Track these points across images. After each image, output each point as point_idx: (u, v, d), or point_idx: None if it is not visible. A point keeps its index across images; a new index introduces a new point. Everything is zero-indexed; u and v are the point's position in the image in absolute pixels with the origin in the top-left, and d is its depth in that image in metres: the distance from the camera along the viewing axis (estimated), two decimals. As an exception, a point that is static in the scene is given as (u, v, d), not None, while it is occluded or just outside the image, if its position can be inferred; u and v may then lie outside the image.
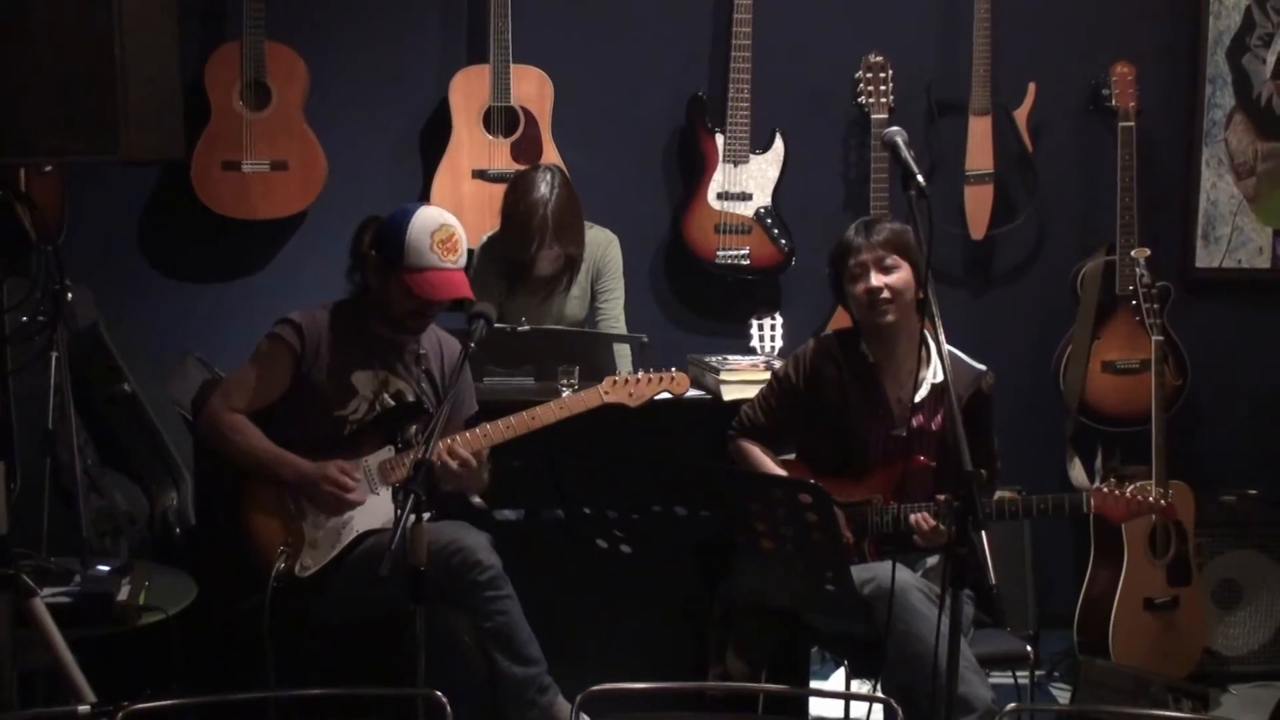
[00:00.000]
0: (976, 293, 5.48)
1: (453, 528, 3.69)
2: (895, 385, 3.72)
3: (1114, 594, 4.77)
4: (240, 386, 3.72)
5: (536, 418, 3.81)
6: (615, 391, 3.93)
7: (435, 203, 4.90)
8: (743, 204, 5.13)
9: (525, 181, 4.60)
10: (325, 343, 3.72)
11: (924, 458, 3.66)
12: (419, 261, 3.61)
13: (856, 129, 5.29)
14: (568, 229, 4.57)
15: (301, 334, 3.70)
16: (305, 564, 3.63)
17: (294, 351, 3.69)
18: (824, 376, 3.75)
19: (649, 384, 3.98)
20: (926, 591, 3.43)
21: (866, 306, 3.65)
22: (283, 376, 3.71)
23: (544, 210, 4.52)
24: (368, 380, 3.77)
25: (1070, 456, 5.22)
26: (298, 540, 3.65)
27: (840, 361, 3.74)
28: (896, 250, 3.64)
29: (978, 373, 3.72)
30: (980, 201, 5.28)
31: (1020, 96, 5.27)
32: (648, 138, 5.27)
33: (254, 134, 4.86)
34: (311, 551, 3.65)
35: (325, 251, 4.94)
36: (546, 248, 4.54)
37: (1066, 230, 5.46)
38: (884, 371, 3.72)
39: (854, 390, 3.71)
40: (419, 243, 3.61)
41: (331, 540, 3.67)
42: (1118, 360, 5.15)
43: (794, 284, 5.26)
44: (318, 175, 4.94)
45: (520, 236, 4.55)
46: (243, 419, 3.69)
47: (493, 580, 3.63)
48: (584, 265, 4.73)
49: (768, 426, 3.87)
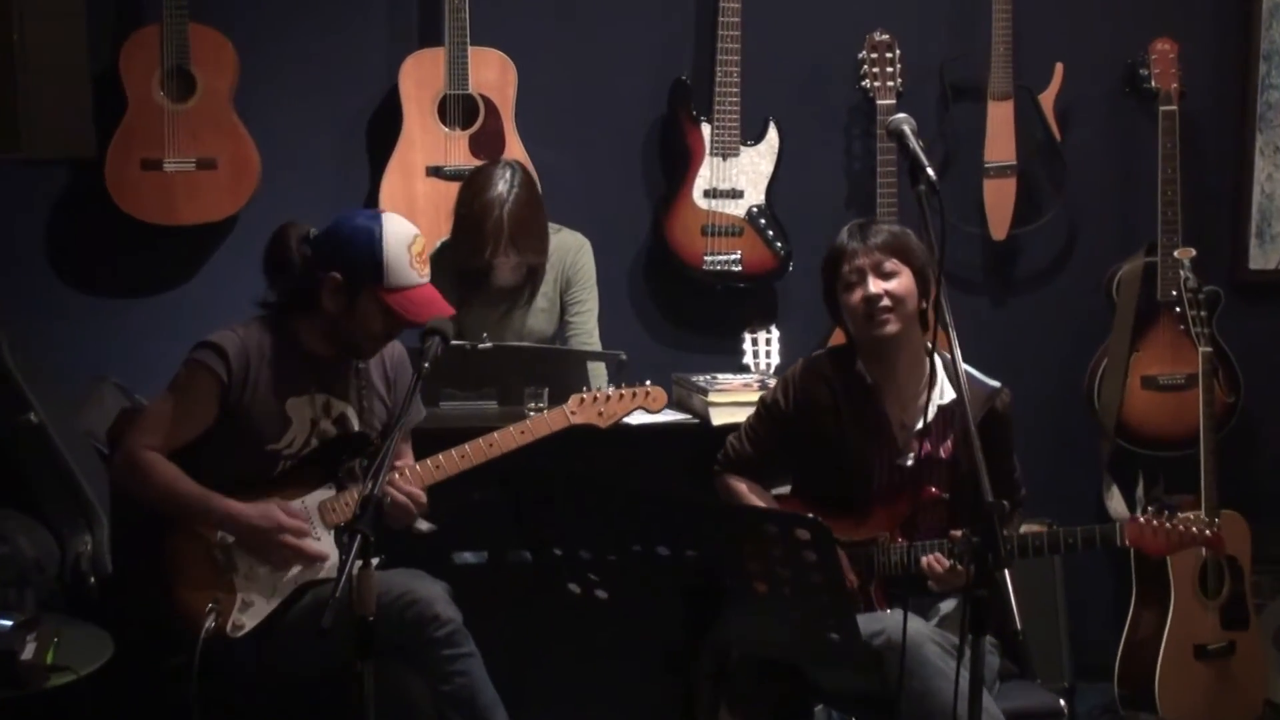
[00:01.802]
0: (998, 300, 5.50)
1: (406, 576, 3.69)
2: (898, 408, 3.73)
3: (1160, 640, 4.78)
4: (156, 421, 3.69)
5: (495, 444, 3.81)
6: (583, 411, 3.93)
7: (384, 204, 4.91)
8: (733, 202, 5.14)
9: (480, 178, 4.61)
10: (255, 368, 3.70)
11: (935, 489, 3.67)
12: (401, 280, 3.60)
13: (860, 117, 5.31)
14: (527, 235, 4.58)
15: (227, 359, 3.67)
16: (238, 622, 3.62)
17: (219, 380, 3.66)
18: (816, 401, 3.76)
19: (621, 401, 3.98)
20: (943, 643, 3.42)
21: (864, 317, 3.66)
22: (206, 409, 3.68)
23: (499, 212, 4.53)
24: (304, 407, 3.75)
25: (1107, 485, 5.23)
26: (228, 596, 3.63)
27: (834, 383, 3.76)
28: (896, 254, 3.66)
29: (991, 390, 3.73)
30: (1001, 197, 5.30)
31: (1046, 78, 5.29)
32: (624, 129, 5.28)
33: (177, 128, 4.86)
34: (244, 609, 3.64)
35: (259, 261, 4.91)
36: (503, 255, 4.55)
37: (1100, 229, 5.48)
38: (884, 393, 3.73)
39: (851, 415, 3.72)
40: (398, 258, 3.60)
41: (266, 595, 3.66)
42: (1160, 375, 5.17)
43: (791, 292, 5.27)
44: (250, 175, 4.95)
45: (473, 241, 4.56)
46: (160, 457, 3.66)
47: (452, 636, 3.63)
48: (552, 274, 4.74)
49: (756, 459, 3.88)
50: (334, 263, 3.66)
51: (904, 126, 3.03)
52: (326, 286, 3.67)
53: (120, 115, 4.84)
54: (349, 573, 2.82)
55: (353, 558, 2.84)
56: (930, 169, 2.92)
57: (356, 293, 3.64)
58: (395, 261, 3.60)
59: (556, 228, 4.79)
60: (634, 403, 3.99)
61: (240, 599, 3.64)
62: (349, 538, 2.87)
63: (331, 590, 2.80)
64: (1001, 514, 2.77)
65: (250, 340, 3.72)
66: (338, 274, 3.64)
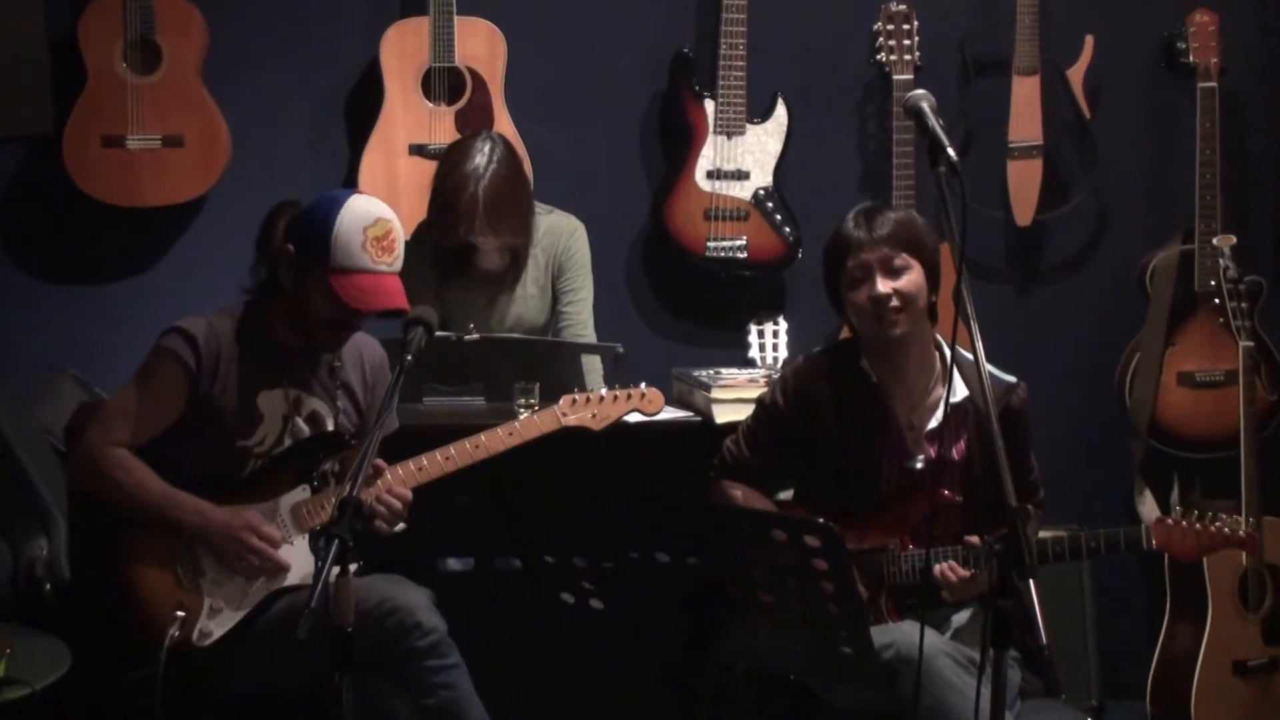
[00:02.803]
0: (1022, 290, 5.51)
1: (386, 583, 3.69)
2: (906, 407, 3.73)
3: (1196, 655, 4.78)
4: (121, 414, 3.70)
5: (482, 446, 3.81)
6: (576, 412, 3.94)
7: (364, 185, 4.93)
8: (738, 184, 5.15)
9: (458, 151, 4.61)
10: (225, 357, 3.71)
11: (948, 492, 3.68)
12: (347, 261, 3.61)
13: (875, 93, 5.32)
14: (503, 215, 4.56)
15: (196, 347, 3.68)
16: (205, 631, 3.62)
17: (187, 370, 3.67)
18: (817, 401, 3.76)
19: (616, 403, 3.99)
20: (957, 657, 3.43)
21: (872, 318, 3.66)
22: (173, 400, 3.69)
23: (474, 187, 4.52)
24: (276, 402, 3.76)
25: (1139, 489, 5.24)
26: (195, 602, 3.63)
27: (835, 382, 3.76)
28: (906, 247, 3.65)
29: (1006, 386, 3.73)
30: (1026, 179, 5.30)
31: (1076, 52, 5.30)
32: (621, 104, 5.29)
33: (141, 103, 4.87)
34: (212, 616, 3.64)
35: (230, 245, 4.89)
36: (480, 235, 4.54)
37: (1133, 214, 5.49)
38: (890, 391, 3.74)
39: (854, 416, 3.73)
40: (349, 238, 3.61)
41: (236, 601, 3.66)
42: (1197, 371, 5.17)
43: (801, 281, 5.28)
44: (219, 153, 4.95)
45: (447, 219, 4.56)
46: (127, 454, 3.67)
47: (435, 647, 3.63)
48: (543, 258, 4.75)
49: (755, 464, 3.88)
50: (292, 235, 3.70)
51: (922, 104, 3.03)
52: (282, 260, 3.70)
53: (79, 88, 4.84)
54: (325, 580, 2.82)
55: (329, 564, 2.84)
56: (951, 149, 2.92)
57: (306, 269, 3.65)
58: (345, 241, 3.60)
59: (547, 209, 4.79)
60: (629, 405, 4.00)
61: (208, 606, 3.64)
62: (325, 542, 2.87)
63: (307, 598, 2.80)
64: (1027, 519, 2.78)
65: (221, 327, 3.73)
66: (291, 246, 3.67)
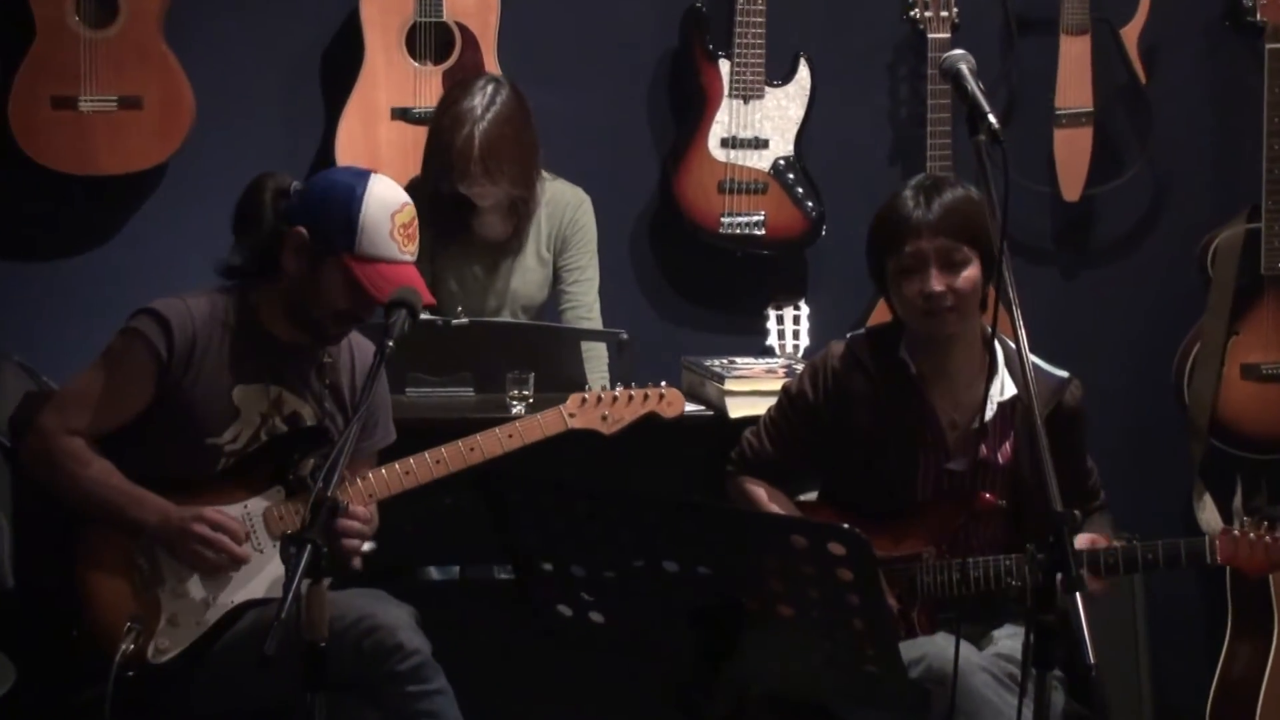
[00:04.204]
0: (1069, 272, 5.51)
1: (364, 598, 3.69)
2: (949, 403, 3.72)
3: (1260, 679, 4.79)
4: (82, 400, 3.70)
5: (478, 449, 3.81)
6: (584, 414, 3.94)
7: (342, 152, 4.94)
8: (756, 154, 5.15)
9: (456, 90, 4.60)
10: (201, 345, 3.70)
11: (991, 495, 3.68)
12: (374, 250, 3.60)
13: (908, 54, 5.32)
14: (503, 160, 4.53)
15: (169, 331, 3.68)
16: (162, 645, 3.62)
17: (157, 356, 3.67)
18: (852, 392, 3.76)
19: (630, 404, 3.98)
20: (998, 673, 3.44)
21: (922, 313, 3.65)
22: (141, 388, 3.69)
23: (470, 128, 4.50)
24: (254, 398, 3.76)
25: (1199, 494, 5.24)
26: (152, 612, 3.63)
27: (873, 372, 3.75)
28: (968, 238, 3.60)
29: (1059, 382, 3.72)
30: (1075, 150, 5.30)
31: (1130, 9, 5.29)
32: (627, 65, 5.29)
33: (95, 60, 4.86)
34: (170, 630, 3.64)
35: (193, 218, 4.94)
36: (475, 182, 4.52)
37: (1192, 189, 5.49)
38: (933, 385, 3.73)
39: (892, 410, 3.72)
40: (377, 224, 3.60)
41: (198, 614, 3.66)
42: (1263, 363, 5.17)
43: (825, 261, 5.28)
44: (182, 117, 4.95)
45: (440, 164, 4.53)
46: (84, 444, 3.67)
47: (418, 670, 3.62)
48: (546, 228, 4.73)
49: (777, 459, 3.88)
50: (304, 217, 3.67)
51: (961, 65, 3.02)
52: (289, 243, 3.68)
53: (27, 44, 4.84)
54: (296, 591, 2.82)
55: (300, 573, 2.83)
56: (992, 116, 2.91)
57: (321, 256, 3.64)
58: (373, 226, 3.60)
59: (551, 176, 4.78)
60: (645, 408, 4.00)
61: (165, 617, 3.64)
62: (296, 549, 2.87)
63: (275, 611, 2.80)
64: (1073, 525, 2.77)
65: (199, 311, 3.73)
66: (304, 229, 3.66)
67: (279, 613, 2.79)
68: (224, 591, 3.68)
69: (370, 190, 3.62)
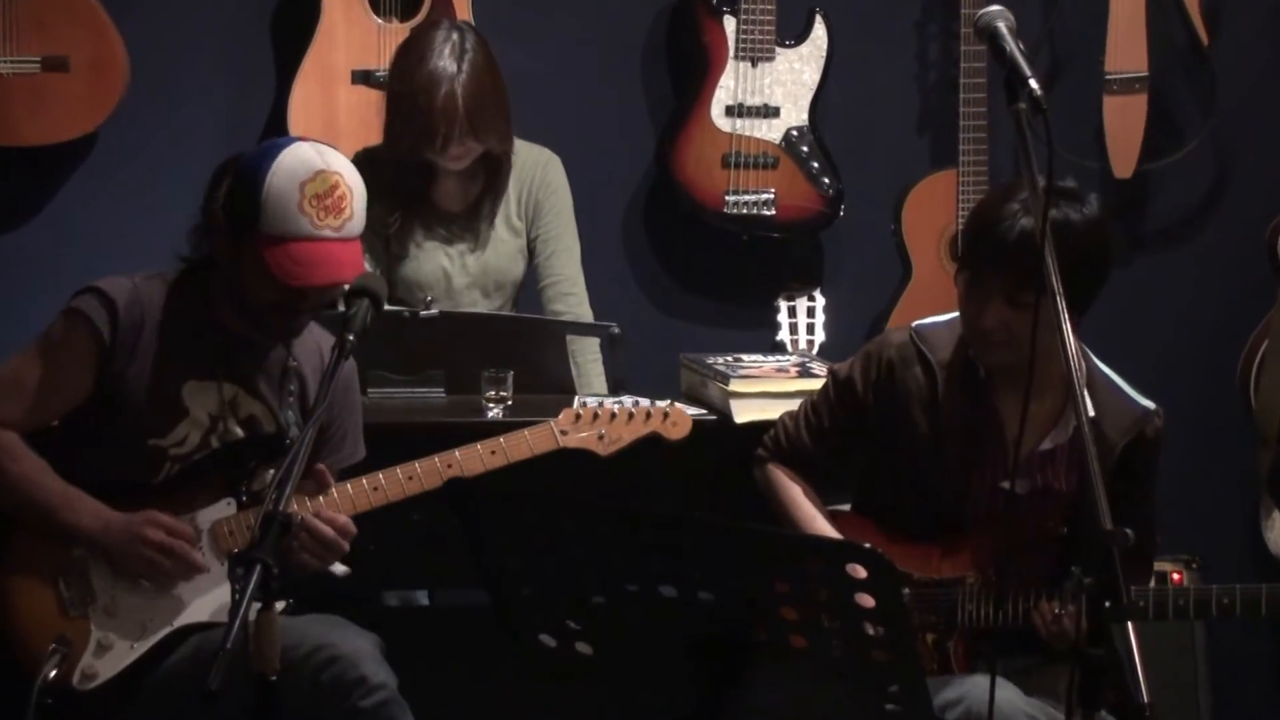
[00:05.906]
0: (1121, 259, 5.48)
1: (322, 625, 3.70)
2: (1017, 416, 3.68)
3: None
4: (12, 388, 3.71)
5: (456, 466, 3.82)
6: (577, 432, 3.94)
7: (296, 120, 4.96)
8: (765, 123, 5.15)
9: (421, 44, 4.60)
10: (149, 332, 3.71)
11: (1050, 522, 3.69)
12: (280, 227, 3.59)
13: (938, 10, 5.33)
14: (488, 114, 4.55)
15: (114, 314, 3.68)
16: (90, 671, 3.62)
17: (99, 340, 3.68)
18: (906, 391, 3.76)
19: (630, 423, 3.98)
20: (1039, 717, 3.45)
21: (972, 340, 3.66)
22: (80, 378, 3.70)
23: (450, 85, 4.50)
24: (206, 397, 3.76)
25: (1267, 510, 5.23)
26: (79, 634, 3.63)
27: (935, 368, 3.75)
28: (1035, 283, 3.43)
29: (1142, 412, 3.72)
30: (1128, 120, 5.31)
31: (1190, -40, 5.31)
32: (619, 22, 5.31)
33: (15, 16, 4.87)
34: (100, 654, 3.64)
35: (126, 194, 4.95)
36: (457, 143, 4.52)
37: (1259, 164, 5.50)
38: (1003, 392, 3.72)
39: (952, 415, 3.72)
40: (281, 198, 3.58)
41: (131, 637, 3.66)
42: (1340, 362, 5.18)
43: (843, 245, 5.29)
44: (114, 80, 4.95)
45: (418, 127, 4.52)
46: (15, 438, 3.68)
47: (383, 708, 3.63)
48: (513, 192, 4.74)
49: (814, 454, 3.89)
50: (224, 196, 3.69)
51: (998, 23, 3.01)
52: (214, 226, 3.70)
53: (-63, -2, 4.85)
54: (244, 616, 2.81)
55: (248, 596, 2.83)
56: (1034, 80, 2.90)
57: (238, 238, 3.65)
58: (277, 199, 3.58)
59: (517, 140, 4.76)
60: (647, 428, 3.99)
61: (95, 639, 3.65)
62: (244, 568, 2.86)
63: (221, 639, 2.79)
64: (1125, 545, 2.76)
65: (150, 294, 3.74)
66: (221, 210, 3.67)
67: (224, 641, 2.79)
68: (163, 613, 3.69)
69: (279, 159, 3.60)
